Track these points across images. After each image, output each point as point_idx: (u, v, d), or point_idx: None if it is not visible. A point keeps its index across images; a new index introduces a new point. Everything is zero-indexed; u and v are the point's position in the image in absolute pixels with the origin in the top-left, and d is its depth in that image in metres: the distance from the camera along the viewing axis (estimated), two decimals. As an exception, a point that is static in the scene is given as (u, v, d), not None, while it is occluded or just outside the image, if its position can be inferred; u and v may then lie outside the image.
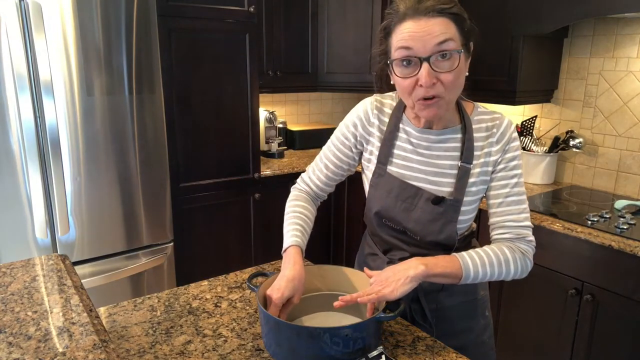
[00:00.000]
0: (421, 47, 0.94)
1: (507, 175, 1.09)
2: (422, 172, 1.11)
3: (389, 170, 1.14)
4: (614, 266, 1.78)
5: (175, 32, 2.26)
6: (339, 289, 1.14)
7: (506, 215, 1.09)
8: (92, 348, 0.75)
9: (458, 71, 0.96)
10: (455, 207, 1.08)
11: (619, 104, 2.28)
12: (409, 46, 0.95)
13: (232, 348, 1.01)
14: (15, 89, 1.78)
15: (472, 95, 1.17)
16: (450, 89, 0.98)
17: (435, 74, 0.95)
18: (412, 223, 1.10)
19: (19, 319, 0.84)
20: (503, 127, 1.09)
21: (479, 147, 1.09)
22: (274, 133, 3.08)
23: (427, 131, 1.10)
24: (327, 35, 2.98)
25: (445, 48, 0.94)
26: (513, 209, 1.09)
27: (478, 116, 1.11)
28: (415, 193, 1.10)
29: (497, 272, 1.05)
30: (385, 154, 1.14)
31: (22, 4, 1.75)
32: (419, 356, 1.00)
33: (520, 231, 1.09)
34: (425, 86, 0.96)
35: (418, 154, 1.11)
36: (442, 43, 0.93)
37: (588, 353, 1.91)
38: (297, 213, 1.18)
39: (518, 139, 1.11)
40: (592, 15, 2.00)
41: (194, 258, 2.53)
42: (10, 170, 1.84)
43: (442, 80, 0.96)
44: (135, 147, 2.09)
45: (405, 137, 1.13)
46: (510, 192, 1.08)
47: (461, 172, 1.07)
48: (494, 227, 1.11)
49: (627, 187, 2.30)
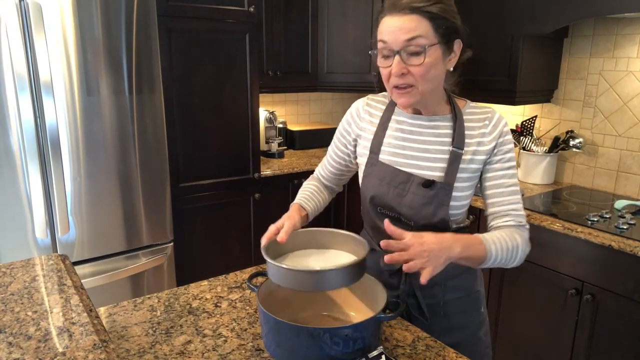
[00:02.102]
0: (393, 41, 1.03)
1: (505, 167, 1.14)
2: (414, 157, 1.15)
3: (380, 158, 1.18)
4: (614, 266, 1.78)
5: (175, 32, 2.26)
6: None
7: (508, 204, 1.13)
8: (92, 348, 0.75)
9: (427, 65, 1.03)
10: (447, 191, 1.11)
11: (619, 104, 2.28)
12: (384, 39, 1.04)
13: (232, 348, 1.01)
14: (15, 89, 1.78)
15: (472, 95, 1.18)
16: (421, 81, 1.05)
17: (405, 66, 1.03)
18: (406, 208, 1.14)
19: (19, 319, 0.84)
20: (495, 119, 1.14)
21: (471, 135, 1.13)
22: (274, 133, 3.08)
23: (418, 117, 1.16)
24: (327, 35, 2.98)
25: (413, 44, 1.01)
26: (513, 198, 1.14)
27: (470, 109, 1.17)
28: (407, 178, 1.14)
29: (507, 258, 1.08)
30: (377, 143, 1.19)
31: (22, 4, 1.75)
32: (419, 356, 1.00)
33: (520, 220, 1.14)
34: (395, 75, 1.05)
35: (410, 141, 1.16)
36: (411, 39, 1.01)
37: (588, 353, 1.91)
38: (306, 187, 1.32)
39: (510, 133, 1.16)
40: (592, 15, 2.00)
41: (194, 258, 2.53)
42: (10, 170, 1.84)
43: (412, 72, 1.04)
44: (135, 147, 2.09)
45: (397, 126, 1.18)
46: (509, 182, 1.14)
47: (452, 156, 1.12)
48: (495, 216, 1.14)
49: (627, 187, 2.30)
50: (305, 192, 1.30)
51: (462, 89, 1.19)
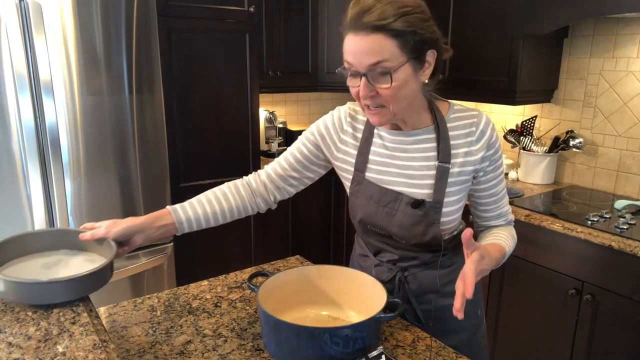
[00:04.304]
0: (358, 64, 0.94)
1: (496, 175, 1.13)
2: (400, 175, 1.10)
3: (367, 177, 1.13)
4: (614, 266, 1.78)
5: (175, 32, 2.26)
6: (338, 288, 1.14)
7: (501, 208, 1.17)
8: (92, 348, 0.75)
9: (396, 87, 0.95)
10: (436, 209, 1.07)
11: (619, 104, 2.28)
12: (349, 61, 0.96)
13: (232, 348, 1.01)
14: (15, 89, 1.78)
15: (472, 95, 1.17)
16: (391, 101, 0.97)
17: (373, 88, 0.96)
18: (396, 228, 1.10)
19: (19, 319, 0.84)
20: (482, 125, 1.08)
21: (457, 145, 1.07)
22: (274, 133, 3.08)
23: (400, 133, 1.10)
24: (327, 35, 2.98)
25: (378, 68, 0.93)
26: (504, 201, 1.17)
27: (454, 114, 1.09)
28: (395, 197, 1.09)
29: (509, 252, 1.12)
30: (361, 161, 1.13)
31: (22, 4, 1.75)
32: (419, 356, 1.00)
33: (509, 217, 1.19)
34: (362, 98, 0.98)
35: (394, 158, 1.10)
36: (376, 64, 0.92)
37: (588, 353, 1.91)
38: (213, 189, 1.21)
39: (497, 134, 1.10)
40: (592, 16, 2.00)
41: (194, 258, 2.53)
42: (10, 170, 1.84)
43: (381, 94, 0.96)
44: (135, 147, 2.09)
45: (381, 142, 1.12)
46: (500, 188, 1.15)
47: (439, 172, 1.06)
48: (490, 219, 1.18)
49: (627, 187, 2.30)
50: (202, 195, 1.17)
51: (463, 89, 1.18)
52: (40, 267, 1.00)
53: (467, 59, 2.37)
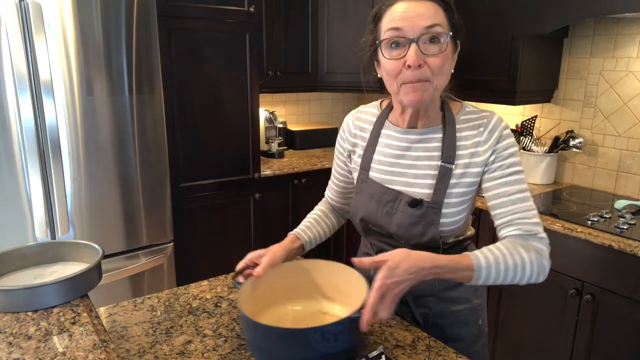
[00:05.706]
0: (410, 27, 0.95)
1: (506, 173, 1.03)
2: (402, 175, 1.10)
3: (370, 175, 1.14)
4: (614, 266, 1.78)
5: (175, 32, 2.26)
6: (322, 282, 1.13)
7: (513, 214, 1.01)
8: (92, 348, 0.75)
9: (445, 56, 0.97)
10: (435, 210, 1.05)
11: (619, 104, 2.28)
12: (399, 27, 0.96)
13: (232, 348, 1.01)
14: (15, 89, 1.78)
15: (472, 95, 1.17)
16: (437, 74, 0.97)
17: (422, 57, 0.96)
18: (395, 227, 1.09)
19: (19, 319, 0.84)
20: (491, 125, 1.05)
21: (463, 146, 1.05)
22: (274, 133, 3.08)
23: (408, 131, 1.10)
24: (327, 35, 2.98)
25: (433, 31, 0.96)
26: (519, 206, 1.01)
27: (465, 116, 1.08)
28: (395, 197, 1.09)
29: (511, 274, 0.96)
30: (366, 159, 1.15)
31: (22, 4, 1.75)
32: (419, 356, 1.00)
33: (531, 228, 1.00)
34: (412, 66, 0.95)
35: (398, 157, 1.11)
36: (431, 27, 0.95)
37: (588, 353, 1.91)
38: (310, 215, 1.32)
39: (512, 135, 1.06)
40: (592, 16, 2.00)
41: (194, 258, 2.53)
42: (10, 170, 1.84)
43: (429, 63, 0.96)
44: (135, 147, 2.09)
45: (387, 142, 1.13)
46: (512, 190, 1.02)
47: (442, 172, 1.05)
48: (501, 227, 1.04)
49: (627, 187, 2.30)
50: (306, 220, 1.29)
51: (463, 89, 1.18)
52: (34, 279, 1.00)
53: (467, 59, 2.38)
